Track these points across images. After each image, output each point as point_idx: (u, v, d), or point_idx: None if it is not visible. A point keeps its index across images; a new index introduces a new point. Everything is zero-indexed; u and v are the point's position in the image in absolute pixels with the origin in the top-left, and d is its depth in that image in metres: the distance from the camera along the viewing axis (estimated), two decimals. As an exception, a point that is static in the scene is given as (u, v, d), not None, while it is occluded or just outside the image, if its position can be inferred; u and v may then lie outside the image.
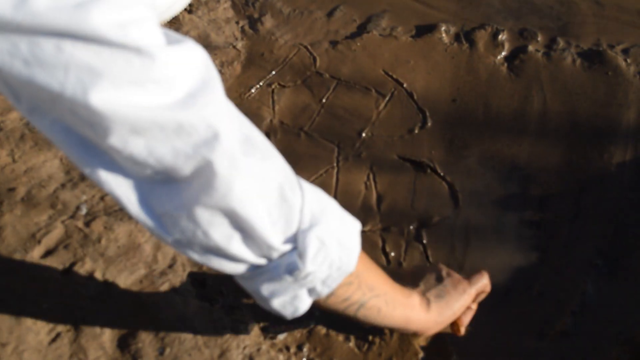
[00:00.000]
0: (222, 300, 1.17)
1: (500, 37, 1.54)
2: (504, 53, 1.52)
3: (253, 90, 1.47)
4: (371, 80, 1.50)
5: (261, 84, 1.50)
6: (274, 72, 1.53)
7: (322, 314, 1.16)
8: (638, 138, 1.35)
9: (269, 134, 1.40)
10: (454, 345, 1.13)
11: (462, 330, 1.10)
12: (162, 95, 0.66)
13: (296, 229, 0.80)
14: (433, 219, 1.27)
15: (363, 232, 1.24)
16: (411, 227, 1.26)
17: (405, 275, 1.09)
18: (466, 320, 1.10)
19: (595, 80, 1.45)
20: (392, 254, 1.23)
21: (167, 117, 0.67)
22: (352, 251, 0.86)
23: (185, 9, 1.63)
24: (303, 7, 1.66)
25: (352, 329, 1.15)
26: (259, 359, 1.09)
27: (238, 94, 1.46)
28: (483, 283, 1.09)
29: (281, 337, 1.13)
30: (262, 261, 0.81)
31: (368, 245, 1.24)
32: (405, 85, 1.48)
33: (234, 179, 0.73)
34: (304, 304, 0.87)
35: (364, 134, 1.40)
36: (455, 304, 1.05)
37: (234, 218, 0.75)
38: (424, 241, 1.25)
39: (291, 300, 0.86)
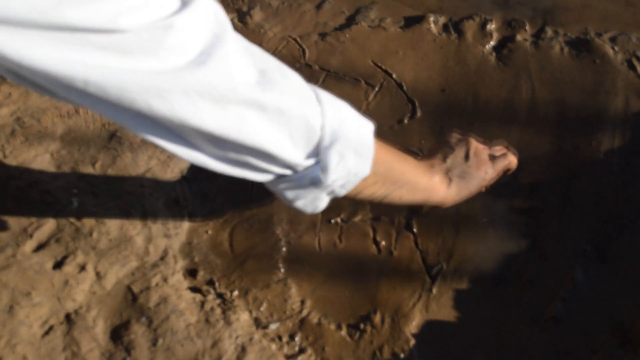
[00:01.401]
0: (214, 291, 1.17)
1: (488, 27, 1.54)
2: (492, 43, 1.52)
3: (243, 83, 1.47)
4: (360, 71, 1.50)
5: (251, 76, 1.50)
6: (263, 65, 1.53)
7: (314, 303, 1.16)
8: (626, 125, 1.36)
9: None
10: (445, 332, 1.13)
11: (484, 189, 1.16)
12: (178, 59, 0.71)
13: (317, 145, 0.85)
14: (423, 208, 1.28)
15: (353, 222, 1.25)
16: (401, 217, 1.27)
17: (435, 149, 1.14)
18: (491, 183, 1.16)
19: (583, 69, 1.45)
20: (383, 243, 1.24)
21: (185, 78, 0.71)
22: (366, 157, 0.91)
23: None
24: (292, 0, 1.66)
25: (344, 317, 1.15)
26: (251, 348, 1.09)
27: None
28: (506, 163, 1.16)
29: (273, 326, 1.14)
30: (287, 172, 0.87)
31: (359, 234, 1.25)
32: (394, 76, 1.48)
33: (256, 120, 0.78)
34: (323, 203, 0.94)
35: (353, 125, 1.40)
36: (474, 185, 1.11)
37: (260, 151, 0.81)
38: (415, 230, 1.25)
39: (312, 201, 0.93)
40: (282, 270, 1.21)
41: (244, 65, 0.77)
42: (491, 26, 1.54)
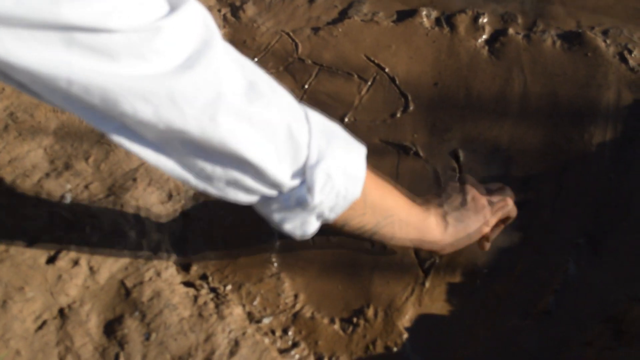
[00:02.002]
0: (207, 285, 1.17)
1: (480, 20, 1.54)
2: (484, 36, 1.53)
3: (236, 78, 1.47)
4: (353, 65, 1.50)
5: (244, 71, 1.51)
6: (256, 59, 1.53)
7: (307, 297, 1.17)
8: (618, 118, 1.36)
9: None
10: (438, 326, 1.14)
11: (487, 246, 1.15)
12: (165, 63, 0.70)
13: (304, 164, 0.84)
14: (416, 201, 1.28)
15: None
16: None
17: (431, 196, 1.13)
18: (492, 236, 1.16)
19: (575, 62, 1.46)
20: (376, 237, 1.24)
21: (172, 83, 0.71)
22: (357, 179, 0.90)
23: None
24: (285, -6, 1.66)
25: (337, 311, 1.15)
26: (245, 343, 1.09)
27: (221, 82, 1.46)
28: (506, 210, 1.14)
29: (266, 321, 1.14)
30: (273, 193, 0.86)
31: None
32: (387, 70, 1.48)
33: (241, 130, 0.77)
34: (312, 227, 0.93)
35: (346, 119, 1.41)
36: (472, 230, 1.10)
37: (244, 162, 0.80)
38: (408, 224, 1.25)
39: (301, 224, 0.91)
40: (276, 264, 1.21)
41: (233, 74, 0.77)
42: (483, 20, 1.55)
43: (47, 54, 0.64)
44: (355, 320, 1.14)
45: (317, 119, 0.87)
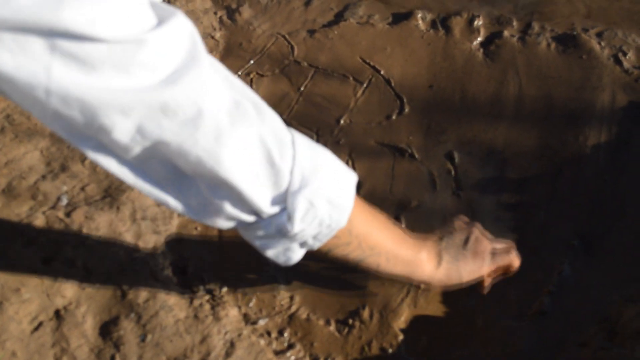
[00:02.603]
0: (203, 287, 1.17)
1: (476, 23, 1.55)
2: (479, 39, 1.53)
3: (232, 80, 1.47)
4: (349, 67, 1.51)
5: (240, 73, 1.51)
6: (252, 62, 1.54)
7: (303, 298, 1.17)
8: (612, 120, 1.36)
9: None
10: (433, 327, 1.14)
11: (485, 291, 1.11)
12: (148, 77, 0.68)
13: (285, 191, 0.82)
14: (411, 203, 1.28)
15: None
16: (390, 212, 1.27)
17: (436, 230, 1.10)
18: (487, 283, 1.11)
19: (569, 64, 1.46)
20: (372, 238, 1.24)
21: (153, 97, 0.68)
22: (343, 209, 0.88)
23: (164, 0, 1.63)
24: (281, -3, 1.67)
25: (332, 313, 1.16)
26: (240, 344, 1.10)
27: (217, 84, 1.46)
28: (507, 260, 1.10)
29: (262, 322, 1.14)
30: (252, 219, 0.84)
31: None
32: (382, 72, 1.49)
33: (220, 152, 0.75)
34: (296, 255, 0.91)
35: (342, 121, 1.41)
36: (465, 272, 1.06)
37: (223, 185, 0.78)
38: (403, 225, 1.26)
39: (284, 251, 0.89)
40: (271, 266, 1.21)
41: (217, 92, 0.74)
42: (478, 22, 1.55)
43: (26, 60, 0.62)
44: (350, 321, 1.14)
45: (305, 144, 0.84)
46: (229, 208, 0.81)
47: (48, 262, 1.17)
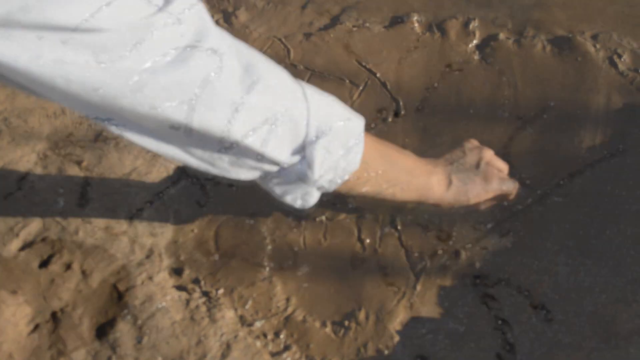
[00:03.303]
0: (199, 289, 1.18)
1: (471, 26, 1.55)
2: (475, 42, 1.53)
3: (228, 83, 1.47)
4: (345, 70, 1.51)
5: (236, 76, 1.51)
6: (248, 65, 1.54)
7: (299, 300, 1.17)
8: (608, 122, 1.37)
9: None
10: (428, 329, 1.14)
11: (482, 207, 1.16)
12: (159, 57, 0.71)
13: (303, 141, 0.86)
14: (407, 205, 1.28)
15: (338, 220, 1.26)
16: (386, 214, 1.27)
17: (449, 152, 1.14)
18: (483, 206, 1.16)
19: (565, 67, 1.46)
20: (368, 240, 1.24)
21: (166, 77, 0.72)
22: (356, 152, 0.91)
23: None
24: (277, 0, 1.67)
25: (328, 315, 1.16)
26: (236, 346, 1.10)
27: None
28: (511, 188, 1.15)
29: (258, 324, 1.14)
30: (274, 169, 0.88)
31: (344, 232, 1.26)
32: (378, 75, 1.49)
33: (239, 120, 0.78)
34: (313, 198, 0.94)
35: (338, 124, 1.41)
36: (472, 195, 1.11)
37: (244, 147, 0.81)
38: (399, 228, 1.26)
39: (302, 196, 0.93)
40: (268, 268, 1.22)
41: (228, 63, 0.77)
42: (474, 25, 1.55)
43: (43, 53, 0.65)
44: (346, 323, 1.15)
45: (315, 95, 0.88)
46: (251, 163, 0.84)
47: (45, 264, 1.18)
